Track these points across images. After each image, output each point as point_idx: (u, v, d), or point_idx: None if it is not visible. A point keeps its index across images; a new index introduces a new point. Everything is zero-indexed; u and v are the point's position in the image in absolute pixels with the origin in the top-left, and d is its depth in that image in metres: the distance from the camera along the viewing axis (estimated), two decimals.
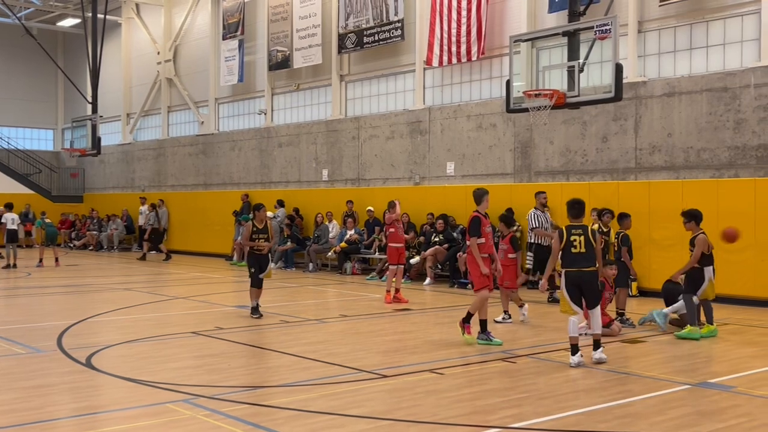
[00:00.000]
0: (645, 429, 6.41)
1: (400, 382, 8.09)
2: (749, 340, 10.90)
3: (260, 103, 26.27)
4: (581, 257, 9.04)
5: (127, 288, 17.12)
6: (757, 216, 13.94)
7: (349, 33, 22.42)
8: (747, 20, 15.01)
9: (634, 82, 16.13)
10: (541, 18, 17.95)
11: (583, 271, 9.04)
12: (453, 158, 19.94)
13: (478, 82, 19.75)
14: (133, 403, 7.18)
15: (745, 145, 14.70)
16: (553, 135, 17.63)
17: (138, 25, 32.21)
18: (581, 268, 9.04)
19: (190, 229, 27.93)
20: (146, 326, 11.80)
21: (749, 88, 14.65)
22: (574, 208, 9.30)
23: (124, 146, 33.07)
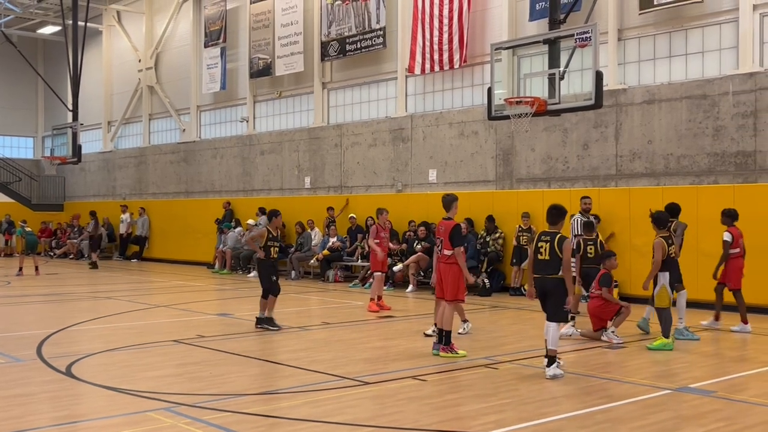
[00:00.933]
0: None
1: (383, 388, 8.09)
2: (729, 346, 10.98)
3: (242, 111, 26.22)
4: (545, 264, 8.93)
5: (108, 297, 17.00)
6: None
7: (332, 41, 22.44)
8: (725, 28, 15.17)
9: (615, 89, 16.26)
10: (522, 26, 18.06)
11: (546, 278, 8.93)
12: (435, 165, 19.99)
13: (459, 90, 19.82)
14: (114, 412, 7.13)
15: (724, 152, 14.84)
16: (535, 142, 17.72)
17: (119, 32, 32.09)
18: (544, 275, 8.95)
19: (172, 237, 27.80)
20: (127, 335, 11.73)
21: (728, 95, 14.80)
22: (551, 214, 9.17)
23: (105, 154, 32.89)
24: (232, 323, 13.04)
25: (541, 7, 17.11)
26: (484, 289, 17.14)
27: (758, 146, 14.38)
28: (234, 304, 16.24)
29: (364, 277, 19.17)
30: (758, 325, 12.55)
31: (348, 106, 22.84)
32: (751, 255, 13.79)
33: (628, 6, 16.35)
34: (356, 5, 21.69)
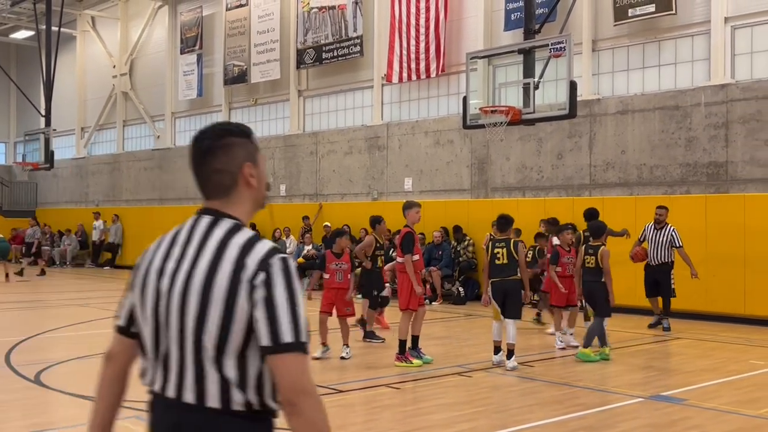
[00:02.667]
0: None
1: (356, 397, 8.06)
2: (701, 354, 11.07)
3: (217, 118, 26.07)
4: (504, 268, 9.71)
5: (80, 304, 16.82)
6: (708, 232, 14.20)
7: (308, 48, 22.43)
8: (697, 40, 15.35)
9: (589, 99, 16.38)
10: (497, 36, 18.15)
11: (506, 280, 9.68)
12: (411, 174, 20.01)
13: (435, 99, 19.88)
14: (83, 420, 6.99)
15: (696, 162, 14.99)
16: (510, 151, 17.80)
17: (93, 38, 31.84)
18: (504, 278, 9.70)
19: (146, 244, 26.75)
20: (99, 342, 11.55)
21: (700, 106, 14.97)
22: (500, 223, 10.16)
23: (78, 160, 32.59)
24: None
25: (516, 18, 17.22)
26: (458, 298, 17.17)
27: (729, 157, 14.55)
28: None
29: None
30: (728, 334, 12.67)
31: (324, 113, 22.83)
32: (720, 265, 13.94)
33: (602, 17, 16.50)
34: (333, 13, 21.71)
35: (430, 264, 17.52)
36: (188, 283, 2.23)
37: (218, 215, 2.36)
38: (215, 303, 2.18)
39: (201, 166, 2.40)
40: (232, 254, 2.22)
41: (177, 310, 2.24)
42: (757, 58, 14.58)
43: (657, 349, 11.60)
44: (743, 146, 14.40)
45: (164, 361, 2.28)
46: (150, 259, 2.41)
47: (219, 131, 2.40)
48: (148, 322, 2.33)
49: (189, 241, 2.33)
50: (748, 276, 13.87)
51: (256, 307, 2.16)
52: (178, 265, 2.29)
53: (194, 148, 2.42)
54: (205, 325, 2.18)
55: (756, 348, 11.44)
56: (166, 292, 2.27)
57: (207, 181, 2.40)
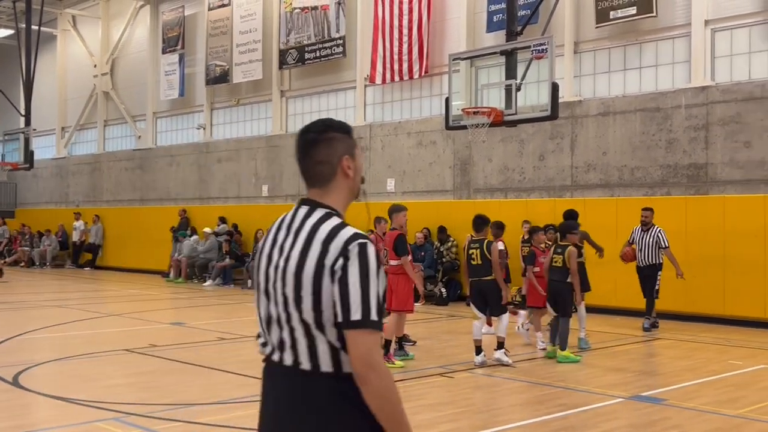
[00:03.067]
0: None
1: None
2: (681, 354, 11.14)
3: (199, 118, 25.97)
4: (479, 268, 9.96)
5: (60, 305, 16.68)
6: (687, 233, 14.30)
7: (291, 49, 22.38)
8: (678, 43, 15.45)
9: (570, 101, 16.45)
10: (480, 37, 18.19)
11: (482, 281, 9.97)
12: (393, 175, 20.01)
13: (418, 100, 19.89)
14: (62, 422, 6.98)
15: (676, 164, 15.09)
16: (492, 153, 17.84)
17: (74, 37, 31.61)
18: (480, 278, 9.97)
19: (127, 246, 27.38)
20: (78, 344, 11.50)
21: (680, 108, 15.07)
22: (475, 223, 10.25)
23: (59, 160, 32.33)
24: (185, 332, 12.87)
25: (498, 19, 17.26)
26: (441, 299, 17.19)
27: (709, 159, 14.65)
28: (188, 313, 16.05)
29: None
30: (708, 334, 12.76)
31: (307, 114, 22.77)
32: (700, 266, 14.04)
33: (584, 19, 16.57)
34: (316, 14, 21.67)
35: None
36: (286, 268, 2.56)
37: (314, 204, 2.68)
38: (306, 286, 2.50)
39: (305, 157, 2.72)
40: (319, 241, 2.53)
41: (280, 290, 2.57)
42: (736, 60, 14.70)
43: (638, 349, 11.66)
44: (723, 148, 14.51)
45: (279, 334, 2.60)
46: (262, 245, 2.74)
47: (322, 126, 2.71)
48: (262, 301, 2.67)
49: (289, 229, 2.66)
50: (727, 277, 13.97)
51: (334, 287, 2.45)
52: (280, 251, 2.62)
53: (300, 140, 2.73)
54: (302, 305, 2.51)
55: (735, 348, 11.52)
56: (273, 276, 2.61)
57: (310, 170, 2.72)
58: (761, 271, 13.60)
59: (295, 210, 2.71)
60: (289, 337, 2.56)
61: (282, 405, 2.57)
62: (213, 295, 19.49)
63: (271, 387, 2.63)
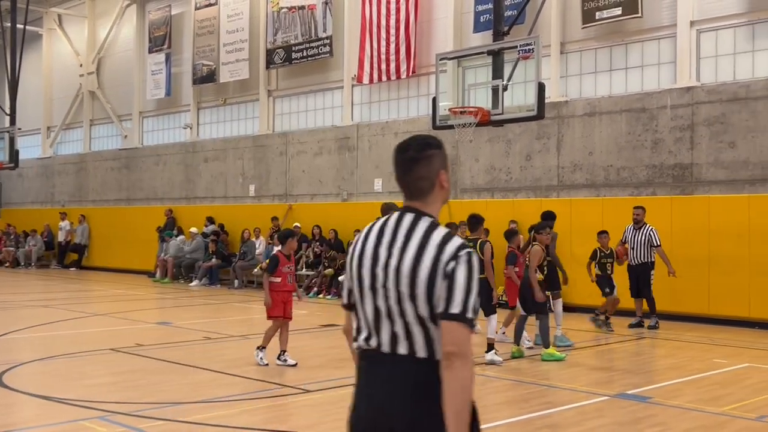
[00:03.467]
0: None
1: (325, 396, 8.03)
2: (666, 353, 11.20)
3: (186, 117, 25.89)
4: None
5: (45, 305, 16.59)
6: (673, 232, 14.37)
7: (278, 48, 22.34)
8: (663, 44, 15.53)
9: (557, 101, 16.50)
10: (467, 37, 18.22)
11: None
12: (381, 175, 20.02)
13: (405, 100, 19.91)
14: (47, 421, 6.95)
15: (662, 164, 15.17)
16: (479, 153, 17.88)
17: (60, 36, 31.45)
18: None
19: (113, 245, 27.26)
20: (63, 343, 11.44)
21: (666, 108, 15.15)
22: (470, 222, 10.54)
23: (44, 160, 32.16)
24: (171, 332, 12.84)
25: (485, 20, 17.31)
26: None
27: (695, 159, 14.74)
28: (174, 312, 16.00)
29: (308, 286, 19.08)
30: (694, 333, 12.84)
31: (294, 114, 22.75)
32: (686, 265, 14.11)
33: (570, 20, 16.64)
34: (303, 13, 21.65)
35: None
36: (399, 267, 2.85)
37: (419, 213, 2.97)
38: (421, 283, 2.80)
39: (406, 172, 3.01)
40: (433, 247, 2.84)
41: (393, 287, 2.85)
42: (721, 61, 14.79)
43: (622, 348, 11.71)
44: (708, 148, 14.60)
45: (391, 327, 2.86)
46: (361, 248, 2.99)
47: (421, 144, 3.06)
48: (366, 296, 2.93)
49: (396, 234, 2.93)
50: (712, 276, 14.06)
51: (443, 284, 2.77)
52: (388, 252, 2.90)
53: (400, 158, 3.03)
54: (416, 300, 2.80)
55: (719, 347, 11.60)
56: (382, 274, 2.88)
57: (411, 185, 3.01)
58: (745, 271, 13.69)
59: (399, 216, 2.98)
60: (403, 329, 2.83)
61: (396, 390, 2.81)
62: (199, 295, 19.44)
63: (382, 374, 2.86)
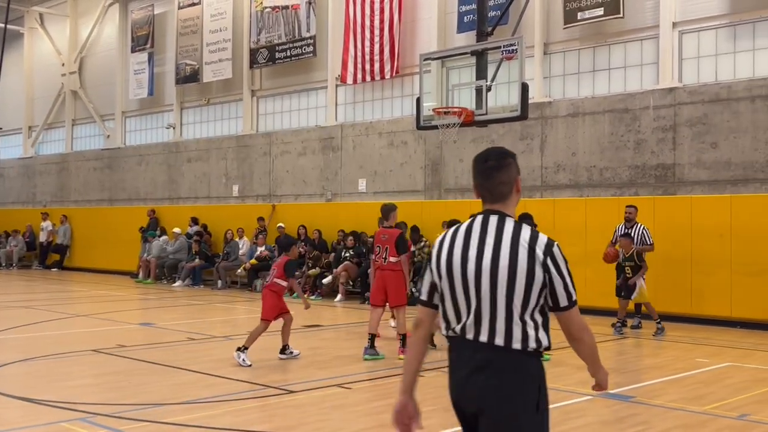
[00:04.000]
0: None
1: (308, 397, 8.01)
2: (648, 353, 11.26)
3: (169, 117, 25.77)
4: None
5: (27, 306, 16.45)
6: (655, 232, 14.43)
7: (261, 48, 22.28)
8: (646, 44, 15.61)
9: (540, 102, 16.55)
10: (450, 38, 18.24)
11: None
12: (365, 175, 20.00)
13: (389, 100, 19.90)
14: (27, 423, 6.88)
15: (644, 164, 15.24)
16: (463, 153, 17.90)
17: (41, 35, 31.21)
18: None
19: (95, 246, 27.08)
20: (44, 344, 11.35)
21: (648, 109, 15.23)
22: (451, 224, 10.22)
23: (25, 160, 31.90)
24: (154, 333, 12.76)
25: (469, 20, 17.33)
26: (412, 299, 17.16)
27: (677, 159, 14.82)
28: (157, 313, 15.91)
29: None
30: (677, 333, 12.90)
31: (277, 114, 22.70)
32: (667, 265, 14.19)
33: (554, 21, 16.69)
34: (286, 13, 21.60)
35: None
36: (494, 265, 3.19)
37: (502, 215, 3.33)
38: (519, 276, 3.17)
39: (489, 179, 3.39)
40: (524, 243, 3.21)
41: (488, 282, 3.19)
42: (703, 62, 14.89)
43: (606, 348, 11.75)
44: (690, 149, 14.69)
45: (476, 318, 3.23)
46: (449, 248, 3.34)
47: (500, 154, 3.45)
48: (457, 292, 3.28)
49: (484, 234, 3.28)
50: (694, 276, 14.14)
51: (549, 280, 3.21)
52: (478, 251, 3.24)
53: (481, 166, 3.43)
54: (515, 292, 3.16)
55: (701, 346, 11.67)
56: (474, 272, 3.23)
57: (493, 190, 3.38)
58: (727, 271, 13.78)
59: (484, 218, 3.34)
60: (488, 321, 3.20)
61: (475, 373, 3.22)
62: (182, 295, 19.35)
63: (467, 357, 3.26)
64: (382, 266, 10.48)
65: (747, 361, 10.47)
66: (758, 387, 8.76)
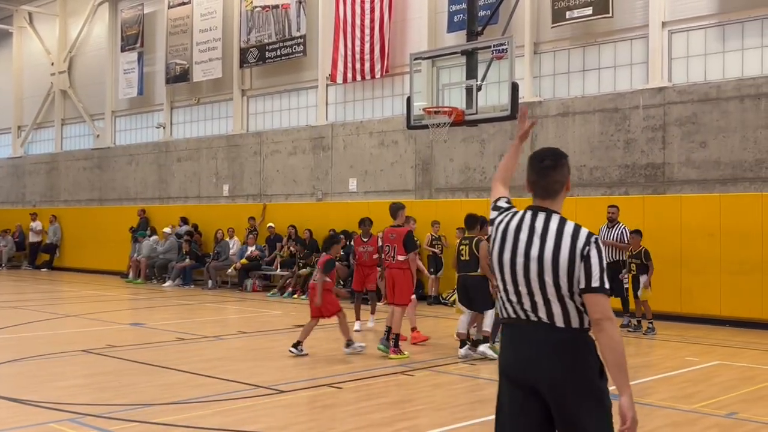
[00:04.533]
0: None
1: (298, 397, 8.00)
2: (639, 351, 11.28)
3: (159, 117, 25.70)
4: (466, 264, 10.28)
5: (16, 306, 16.37)
6: (645, 232, 14.45)
7: (251, 47, 22.24)
8: (635, 44, 15.66)
9: (530, 101, 16.57)
10: (441, 37, 18.25)
11: (467, 276, 10.30)
12: (355, 174, 19.99)
13: (380, 99, 19.90)
14: (15, 424, 6.84)
15: (634, 163, 15.29)
16: (453, 152, 17.91)
17: (31, 34, 31.06)
18: (466, 273, 10.29)
19: (85, 246, 26.98)
20: (34, 345, 11.29)
21: (638, 109, 15.27)
22: (467, 221, 10.61)
23: (15, 160, 31.75)
24: (144, 333, 12.73)
25: (459, 20, 17.34)
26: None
27: (666, 158, 14.87)
28: (147, 313, 15.86)
29: (282, 287, 19.01)
30: (666, 332, 12.94)
31: (268, 113, 22.66)
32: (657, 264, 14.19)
33: (544, 20, 16.71)
34: (276, 12, 21.57)
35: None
36: (542, 255, 3.57)
37: (549, 211, 3.70)
38: (562, 266, 3.54)
39: (545, 177, 3.74)
40: (568, 237, 3.58)
41: (535, 272, 3.58)
42: (692, 61, 14.94)
43: None
44: (679, 148, 14.74)
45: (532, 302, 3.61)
46: (501, 241, 3.74)
47: (556, 154, 3.79)
48: (508, 280, 3.68)
49: (533, 228, 3.66)
50: (684, 275, 14.19)
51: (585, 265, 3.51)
52: (528, 243, 3.63)
53: (537, 166, 3.77)
54: (559, 280, 3.54)
55: (691, 345, 11.71)
56: (523, 262, 3.62)
57: (548, 188, 3.74)
58: (716, 270, 13.84)
59: (533, 214, 3.71)
60: (543, 304, 3.57)
61: (540, 350, 3.56)
62: (172, 295, 19.29)
63: (526, 338, 3.61)
64: (390, 264, 10.77)
65: (736, 360, 10.51)
66: (747, 385, 8.80)
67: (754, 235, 13.50)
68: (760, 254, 13.44)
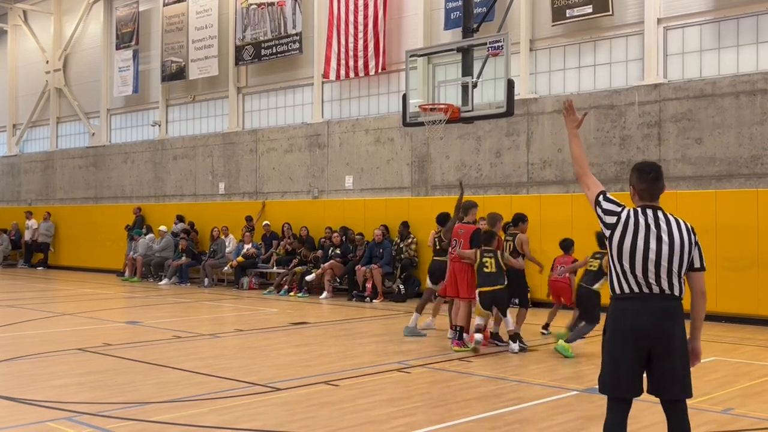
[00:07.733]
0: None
1: (294, 394, 8.00)
2: None
3: (154, 115, 25.67)
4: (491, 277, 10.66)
5: (11, 305, 16.35)
6: None
7: (247, 45, 22.21)
8: (631, 41, 15.67)
9: (526, 98, 16.58)
10: (437, 34, 18.25)
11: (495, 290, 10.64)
12: (351, 172, 19.98)
13: (376, 97, 19.89)
14: (11, 423, 6.83)
15: (630, 160, 15.29)
16: (449, 150, 17.91)
17: (25, 32, 30.99)
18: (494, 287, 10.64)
19: (80, 244, 26.95)
20: (29, 343, 11.28)
21: (634, 105, 15.28)
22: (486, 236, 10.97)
23: (10, 158, 31.69)
24: (140, 331, 12.71)
25: (455, 17, 17.33)
26: (398, 295, 17.20)
27: (662, 155, 14.89)
28: (143, 311, 15.84)
29: (279, 284, 19.00)
30: None
31: (264, 111, 22.64)
32: None
33: (540, 17, 16.72)
34: (272, 10, 21.54)
35: (371, 262, 17.54)
36: (672, 243, 4.68)
37: (660, 209, 4.82)
38: (686, 250, 4.72)
39: (654, 184, 4.86)
40: (684, 229, 4.76)
41: (666, 256, 4.66)
42: (688, 58, 14.95)
43: (594, 343, 11.77)
44: (675, 144, 14.76)
45: (658, 278, 4.68)
46: (633, 231, 4.73)
47: (658, 167, 4.96)
48: (637, 263, 4.70)
49: (657, 222, 4.74)
50: None
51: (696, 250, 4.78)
52: (657, 237, 4.69)
53: (647, 176, 4.88)
54: (682, 263, 4.71)
55: None
56: (656, 250, 4.67)
57: (656, 192, 4.87)
58: (712, 266, 13.79)
59: (654, 212, 4.78)
60: (667, 281, 4.66)
61: (662, 315, 4.67)
62: (169, 293, 19.28)
63: (650, 305, 4.67)
64: (455, 258, 11.08)
65: (732, 356, 10.53)
66: (743, 381, 8.82)
67: (750, 231, 13.52)
68: (755, 250, 13.47)
